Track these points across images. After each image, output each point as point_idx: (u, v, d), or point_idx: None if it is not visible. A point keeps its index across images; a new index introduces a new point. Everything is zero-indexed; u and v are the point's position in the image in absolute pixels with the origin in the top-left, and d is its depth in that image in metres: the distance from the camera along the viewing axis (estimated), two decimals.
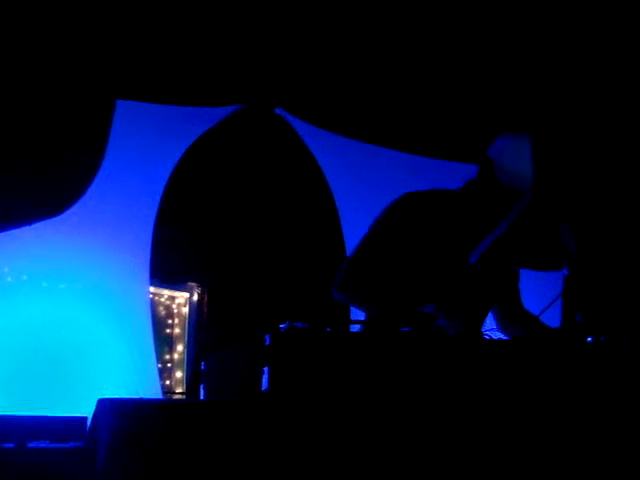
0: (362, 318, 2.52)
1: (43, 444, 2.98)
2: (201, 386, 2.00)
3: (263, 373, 1.45)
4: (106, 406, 1.45)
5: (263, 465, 1.35)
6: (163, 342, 5.11)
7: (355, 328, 2.11)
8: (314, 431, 1.39)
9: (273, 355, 1.46)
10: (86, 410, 3.07)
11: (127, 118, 4.71)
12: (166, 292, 5.20)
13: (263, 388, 1.44)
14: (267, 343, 1.46)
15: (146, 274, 4.76)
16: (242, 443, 1.36)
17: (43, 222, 4.49)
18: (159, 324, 5.10)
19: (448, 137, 5.06)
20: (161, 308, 5.19)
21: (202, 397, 1.88)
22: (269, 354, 1.46)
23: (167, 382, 5.05)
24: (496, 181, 2.42)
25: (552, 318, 2.26)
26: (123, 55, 4.47)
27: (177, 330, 5.21)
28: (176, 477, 1.33)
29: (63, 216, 4.54)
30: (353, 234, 5.18)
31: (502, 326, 2.49)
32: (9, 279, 4.35)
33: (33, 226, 4.47)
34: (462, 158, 4.56)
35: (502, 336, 2.48)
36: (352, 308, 4.96)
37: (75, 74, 4.45)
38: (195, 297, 5.26)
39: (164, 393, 4.81)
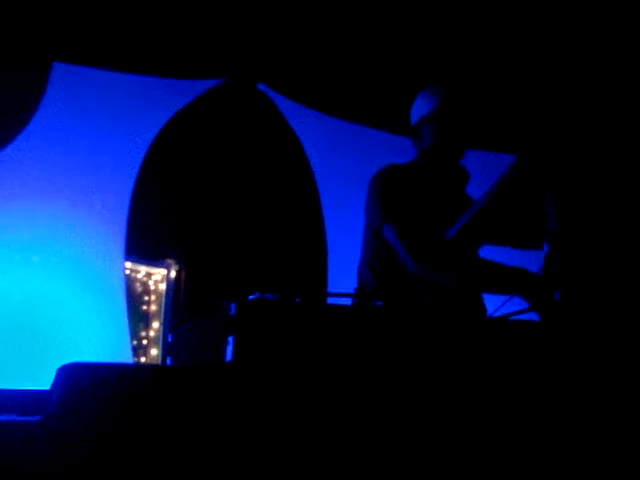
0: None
1: (9, 417, 2.90)
2: (168, 358, 1.95)
3: (228, 343, 1.40)
4: (61, 373, 1.40)
5: (217, 435, 1.31)
6: (139, 319, 5.05)
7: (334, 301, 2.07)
8: (274, 402, 1.35)
9: (238, 325, 1.41)
10: None
11: (104, 89, 4.63)
12: (143, 268, 5.14)
13: (227, 359, 1.39)
14: (232, 313, 1.42)
15: (122, 250, 4.70)
16: (199, 411, 1.32)
17: (19, 195, 4.41)
18: (135, 301, 5.04)
19: None
20: (138, 284, 5.12)
21: None
22: (234, 324, 1.41)
23: (142, 359, 4.99)
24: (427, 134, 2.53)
25: None
26: (99, 21, 4.38)
27: (153, 307, 5.15)
28: (127, 444, 1.28)
29: (39, 189, 4.46)
30: (333, 212, 5.15)
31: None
32: None
33: (7, 198, 4.38)
34: None
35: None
36: (330, 282, 4.97)
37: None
38: (172, 274, 5.20)
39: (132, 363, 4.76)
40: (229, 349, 1.39)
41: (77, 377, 1.33)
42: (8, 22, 4.28)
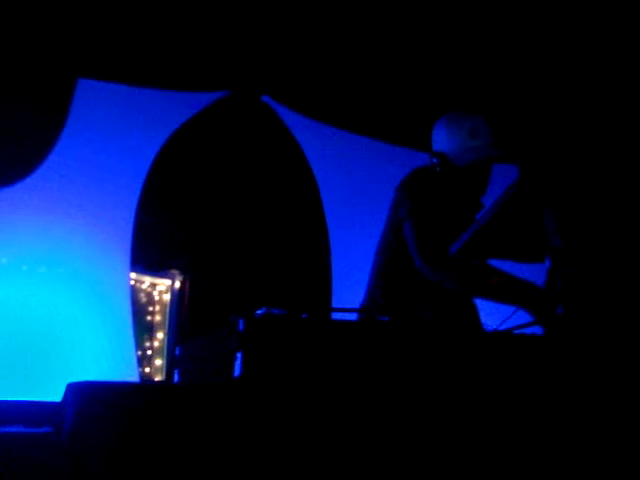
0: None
1: (15, 429, 2.93)
2: (175, 372, 1.97)
3: (236, 359, 1.42)
4: (73, 389, 1.42)
5: (226, 451, 1.33)
6: (143, 329, 5.07)
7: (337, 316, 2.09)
8: (283, 417, 1.37)
9: (246, 340, 1.43)
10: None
11: (111, 101, 4.66)
12: (147, 279, 5.16)
13: (235, 374, 1.41)
14: (240, 328, 1.44)
15: (127, 260, 4.72)
16: (208, 428, 1.33)
17: (25, 206, 4.43)
18: (140, 311, 5.06)
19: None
20: (142, 295, 5.14)
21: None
22: (242, 339, 1.43)
23: (147, 370, 5.01)
24: (457, 168, 2.51)
25: None
26: (105, 36, 4.41)
27: (158, 317, 5.16)
28: (139, 461, 1.30)
29: (44, 200, 4.49)
30: (337, 224, 5.16)
31: None
32: None
33: (14, 209, 4.41)
34: None
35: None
36: (334, 296, 4.97)
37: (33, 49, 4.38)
38: (177, 284, 5.22)
39: (143, 381, 4.77)
40: (237, 364, 1.41)
41: (87, 395, 1.35)
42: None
